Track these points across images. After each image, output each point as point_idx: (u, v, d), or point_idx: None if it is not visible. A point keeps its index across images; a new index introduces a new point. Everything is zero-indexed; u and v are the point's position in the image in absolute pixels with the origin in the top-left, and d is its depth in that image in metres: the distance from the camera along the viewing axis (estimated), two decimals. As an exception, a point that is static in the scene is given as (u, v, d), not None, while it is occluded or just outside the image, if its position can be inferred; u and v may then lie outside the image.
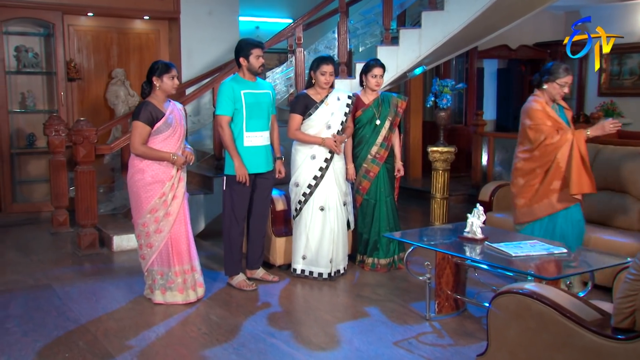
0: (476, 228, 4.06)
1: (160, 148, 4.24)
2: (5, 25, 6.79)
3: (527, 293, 2.46)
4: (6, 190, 6.88)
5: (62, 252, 5.74)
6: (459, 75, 9.95)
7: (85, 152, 5.53)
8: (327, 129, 4.86)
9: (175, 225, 4.32)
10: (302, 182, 4.87)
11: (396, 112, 5.18)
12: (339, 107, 4.90)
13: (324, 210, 4.86)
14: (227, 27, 8.06)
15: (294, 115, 4.87)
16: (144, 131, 4.20)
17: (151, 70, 4.27)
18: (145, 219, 4.27)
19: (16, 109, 7.09)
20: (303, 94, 4.96)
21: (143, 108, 4.21)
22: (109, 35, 7.63)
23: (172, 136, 4.29)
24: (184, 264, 4.36)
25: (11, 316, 4.15)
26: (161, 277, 4.35)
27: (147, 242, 4.31)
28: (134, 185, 4.28)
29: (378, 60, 5.20)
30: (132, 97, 7.67)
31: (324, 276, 4.90)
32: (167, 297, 4.35)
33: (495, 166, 8.04)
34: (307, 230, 4.87)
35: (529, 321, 2.44)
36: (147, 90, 4.31)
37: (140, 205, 4.27)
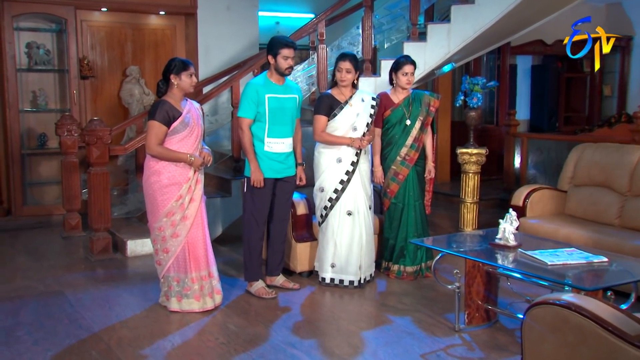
0: (509, 234, 4.03)
1: (177, 149, 4.28)
2: (16, 20, 6.90)
3: (564, 304, 2.42)
4: (16, 192, 6.98)
5: (74, 257, 5.82)
6: (490, 73, 9.89)
7: (98, 153, 5.59)
8: (353, 131, 4.86)
9: (193, 230, 4.34)
10: (328, 187, 4.86)
11: (428, 111, 5.15)
12: (364, 109, 4.90)
13: (352, 215, 4.86)
14: (246, 23, 8.10)
15: (319, 116, 4.87)
16: (160, 131, 4.23)
17: (168, 67, 4.31)
18: (161, 223, 4.30)
19: (27, 108, 7.20)
20: (327, 94, 4.96)
21: (159, 107, 4.25)
22: (123, 31, 7.72)
23: (189, 136, 4.32)
24: (201, 270, 4.38)
25: (21, 323, 4.20)
26: (177, 284, 4.38)
27: (163, 247, 4.35)
28: (150, 188, 4.32)
29: (408, 57, 5.17)
30: (147, 96, 7.74)
31: (355, 284, 4.89)
32: (184, 304, 4.38)
33: (529, 169, 7.97)
34: (335, 236, 4.87)
35: (567, 335, 2.40)
36: (164, 88, 4.35)
37: (156, 209, 4.31)
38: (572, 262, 3.65)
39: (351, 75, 4.84)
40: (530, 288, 4.27)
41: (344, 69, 4.82)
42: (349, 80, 4.85)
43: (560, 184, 5.73)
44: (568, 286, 3.42)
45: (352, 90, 4.92)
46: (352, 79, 4.86)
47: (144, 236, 5.95)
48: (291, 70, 4.68)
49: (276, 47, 4.60)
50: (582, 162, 5.59)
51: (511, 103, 10.06)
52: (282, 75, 4.65)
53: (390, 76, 5.18)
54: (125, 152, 6.22)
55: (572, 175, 5.66)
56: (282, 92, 4.67)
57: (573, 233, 4.92)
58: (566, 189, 5.66)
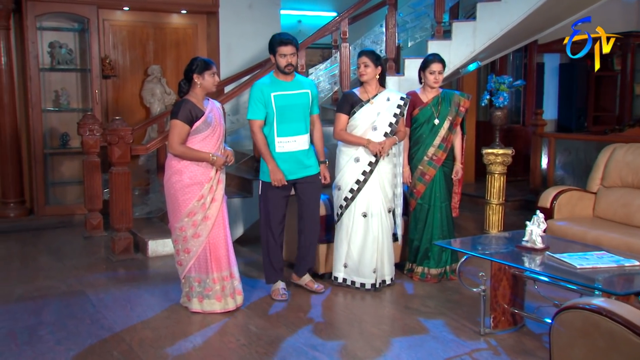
0: (536, 237, 3.99)
1: (199, 148, 4.30)
2: (39, 20, 7.00)
3: (595, 309, 2.39)
4: (39, 192, 7.08)
5: (95, 257, 5.88)
6: (516, 71, 9.80)
7: (120, 152, 5.65)
8: (373, 131, 4.83)
9: (214, 230, 4.37)
10: (344, 186, 4.86)
11: (457, 111, 5.12)
12: (387, 108, 4.86)
13: (367, 217, 4.85)
14: (268, 21, 8.13)
15: (339, 114, 4.88)
16: (183, 130, 4.26)
17: (190, 67, 4.33)
18: (182, 223, 4.33)
19: (50, 107, 7.30)
20: (350, 92, 4.97)
21: (182, 106, 4.28)
22: (145, 30, 7.79)
23: (212, 136, 4.35)
24: (222, 271, 4.41)
25: (44, 323, 4.27)
26: (199, 285, 4.41)
27: (185, 247, 4.38)
28: (172, 187, 4.35)
29: (437, 55, 5.13)
30: (168, 95, 7.80)
31: (366, 287, 4.88)
32: (205, 305, 4.41)
33: (557, 170, 7.89)
34: (349, 237, 4.87)
35: (597, 340, 2.37)
36: (186, 88, 4.37)
37: (177, 208, 4.34)
38: (602, 266, 3.60)
39: (370, 70, 4.81)
40: (558, 292, 4.22)
41: (361, 64, 4.83)
42: (369, 75, 4.82)
43: (590, 185, 5.66)
44: (598, 290, 3.38)
45: (378, 88, 4.90)
46: (372, 74, 4.82)
47: (165, 236, 5.99)
48: (292, 68, 4.58)
49: (274, 45, 4.59)
50: (612, 163, 5.52)
51: (538, 102, 9.96)
52: (283, 73, 4.62)
53: (419, 75, 5.16)
54: (146, 152, 6.28)
55: (601, 176, 5.59)
56: (291, 88, 4.63)
57: (603, 236, 4.86)
58: (595, 191, 5.59)
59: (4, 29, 6.82)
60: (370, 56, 4.83)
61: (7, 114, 6.91)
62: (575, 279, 3.52)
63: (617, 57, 10.05)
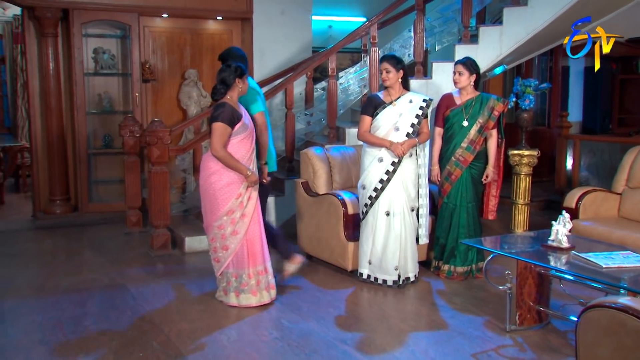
0: (562, 236, 3.94)
1: (237, 150, 4.33)
2: (85, 27, 7.12)
3: (621, 308, 2.35)
4: (83, 190, 7.20)
5: (135, 252, 5.97)
6: (542, 75, 9.67)
7: (158, 152, 5.72)
8: (395, 131, 4.83)
9: (251, 226, 4.41)
10: (368, 185, 4.87)
11: (490, 115, 5.04)
12: (409, 109, 4.86)
13: (389, 216, 4.84)
14: (300, 27, 8.15)
15: (363, 116, 4.91)
16: (226, 132, 4.28)
17: (234, 71, 4.35)
18: (221, 221, 4.37)
19: (93, 110, 7.42)
20: (374, 95, 5.00)
21: (224, 109, 4.29)
22: (183, 36, 7.87)
23: (248, 138, 4.39)
24: (257, 265, 4.44)
25: (88, 314, 4.35)
26: (235, 280, 4.44)
27: (223, 245, 4.41)
28: (210, 187, 4.38)
29: (463, 58, 5.14)
30: (204, 98, 7.87)
31: (388, 283, 4.87)
32: (242, 299, 4.45)
33: (582, 171, 7.77)
34: (373, 234, 4.87)
35: (623, 338, 2.34)
36: (223, 91, 4.39)
37: (216, 207, 4.37)
38: (628, 265, 3.54)
39: (392, 75, 4.83)
40: (583, 290, 4.16)
41: (383, 70, 4.86)
42: (391, 80, 4.85)
43: (615, 186, 5.56)
44: (624, 289, 3.32)
45: (401, 91, 4.91)
46: (394, 78, 4.85)
47: (200, 233, 6.05)
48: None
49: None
50: (637, 164, 5.42)
51: (563, 105, 9.81)
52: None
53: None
54: (184, 152, 6.34)
55: (627, 177, 5.49)
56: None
57: (628, 236, 4.77)
58: (620, 192, 5.49)
59: (53, 36, 6.96)
60: (391, 61, 4.85)
61: (54, 116, 7.04)
62: (601, 277, 3.47)
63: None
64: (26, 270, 5.41)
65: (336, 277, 5.19)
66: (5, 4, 9.23)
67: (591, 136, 8.57)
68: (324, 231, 5.33)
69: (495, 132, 5.12)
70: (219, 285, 4.57)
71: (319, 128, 6.88)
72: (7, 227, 6.99)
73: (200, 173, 4.49)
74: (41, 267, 5.60)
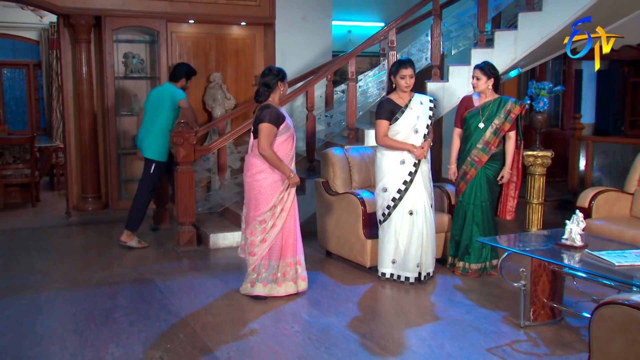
0: (575, 235, 3.91)
1: (280, 149, 4.42)
2: (116, 33, 7.19)
3: (634, 304, 2.33)
4: (113, 188, 7.27)
5: (162, 248, 6.02)
6: (555, 78, 9.57)
7: (185, 152, 5.76)
8: (415, 134, 4.82)
9: (288, 220, 4.51)
10: (392, 187, 4.84)
11: (507, 117, 4.97)
12: (423, 111, 4.87)
13: (413, 214, 4.83)
14: (320, 32, 8.15)
15: (381, 121, 4.85)
16: (272, 132, 4.37)
17: (277, 75, 4.46)
18: (265, 216, 4.44)
19: (123, 112, 7.48)
20: (386, 99, 4.93)
21: (270, 110, 4.38)
22: (208, 40, 7.91)
23: (290, 139, 4.50)
24: (287, 257, 4.53)
25: (118, 306, 4.40)
26: (266, 271, 4.51)
27: (262, 238, 4.47)
28: (257, 184, 4.44)
29: (481, 62, 5.11)
30: (228, 100, 7.91)
31: (410, 280, 4.86)
32: (269, 289, 4.50)
33: (594, 171, 7.68)
34: (397, 234, 4.85)
35: (636, 334, 2.31)
36: (267, 94, 4.47)
37: (262, 203, 4.43)
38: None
39: (413, 80, 4.83)
40: (596, 288, 4.12)
41: (407, 75, 4.79)
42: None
43: (627, 186, 5.48)
44: (636, 287, 3.28)
45: (410, 94, 4.89)
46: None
47: (225, 230, 6.09)
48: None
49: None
50: (649, 165, 5.34)
51: (576, 107, 9.70)
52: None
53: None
54: (209, 153, 6.38)
55: (639, 177, 5.41)
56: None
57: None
58: (633, 192, 5.42)
59: (86, 42, 7.04)
60: (414, 68, 4.85)
61: (87, 117, 7.13)
62: (614, 275, 3.43)
63: (655, 64, 9.69)
64: (60, 265, 5.48)
65: (355, 273, 5.19)
66: (43, 12, 9.37)
67: (604, 137, 8.46)
68: (343, 229, 5.33)
69: (513, 134, 5.04)
70: (248, 278, 4.58)
71: (338, 129, 6.88)
72: (43, 223, 7.09)
73: (246, 171, 4.55)
74: (74, 261, 5.68)
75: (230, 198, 6.56)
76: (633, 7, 6.44)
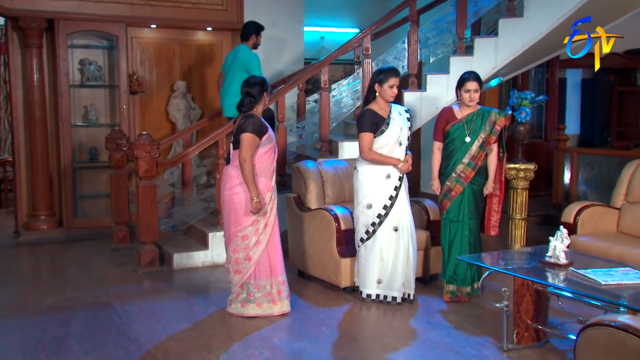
0: (559, 252, 3.95)
1: (261, 161, 4.48)
2: (70, 38, 7.12)
3: (620, 326, 2.36)
4: (68, 205, 7.17)
5: (122, 269, 5.93)
6: (538, 87, 9.73)
7: (146, 166, 5.71)
8: (399, 146, 4.87)
9: (272, 237, 4.56)
10: (377, 204, 4.83)
11: (492, 130, 4.95)
12: (404, 122, 4.93)
13: (398, 231, 4.84)
14: (292, 38, 8.19)
15: (365, 134, 4.82)
16: (255, 143, 4.43)
17: (262, 85, 4.56)
18: (246, 232, 4.47)
19: (79, 122, 7.40)
20: (369, 110, 4.89)
21: (254, 120, 4.45)
22: (172, 47, 7.88)
23: (271, 151, 4.55)
24: (278, 276, 4.58)
25: (72, 334, 4.30)
26: (258, 290, 4.54)
27: (246, 255, 4.50)
28: (237, 197, 4.47)
29: (473, 73, 5.01)
30: (193, 111, 7.88)
31: (397, 300, 4.86)
32: (265, 309, 4.56)
33: (580, 185, 7.80)
34: (383, 252, 4.85)
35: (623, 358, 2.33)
36: (252, 105, 4.54)
37: (242, 217, 4.47)
38: (628, 282, 3.55)
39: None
40: (582, 308, 4.15)
41: (395, 85, 4.81)
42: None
43: (613, 200, 5.58)
44: (623, 307, 3.32)
45: (388, 104, 4.92)
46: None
47: (189, 249, 6.04)
48: None
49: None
50: (636, 178, 5.44)
51: (560, 117, 9.87)
52: None
53: (456, 92, 5.05)
54: (173, 166, 6.34)
55: (625, 191, 5.51)
56: None
57: (627, 252, 4.78)
58: (619, 206, 5.51)
59: (37, 47, 6.96)
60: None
61: (39, 128, 7.03)
62: (600, 295, 3.47)
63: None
64: (7, 289, 5.36)
65: (329, 294, 5.17)
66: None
67: (589, 149, 8.61)
68: (315, 247, 5.32)
69: (495, 146, 5.03)
70: (236, 298, 4.61)
71: (311, 141, 6.89)
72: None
73: (224, 184, 4.57)
74: (23, 285, 5.55)
75: (196, 215, 6.51)
76: (617, 14, 6.59)
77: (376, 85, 4.85)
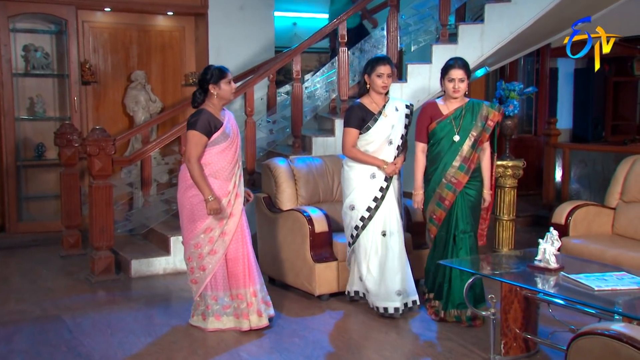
0: (550, 256, 3.99)
1: (217, 161, 4.39)
2: (12, 21, 7.01)
3: (615, 335, 2.39)
4: (11, 207, 7.06)
5: (73, 278, 5.87)
6: (527, 77, 9.84)
7: (101, 164, 5.65)
8: (389, 145, 4.80)
9: (232, 246, 4.46)
10: (360, 205, 4.79)
11: (484, 126, 4.62)
12: (399, 119, 4.83)
13: (386, 236, 4.81)
14: (261, 24, 8.17)
15: (349, 129, 4.78)
16: (201, 142, 4.33)
17: (205, 76, 4.42)
18: (198, 239, 4.41)
19: (24, 115, 7.30)
20: (357, 104, 4.86)
21: (200, 116, 4.35)
22: (128, 33, 7.82)
23: (230, 148, 4.44)
24: (239, 288, 4.48)
25: (15, 351, 4.24)
26: (215, 303, 4.49)
27: (200, 265, 4.44)
28: (188, 202, 4.42)
29: (459, 59, 4.67)
30: (153, 103, 7.82)
31: (389, 311, 4.77)
32: (225, 322, 4.52)
33: (572, 183, 7.90)
34: (368, 258, 4.83)
35: (617, 368, 2.37)
36: (201, 98, 4.46)
37: (193, 224, 4.41)
38: (622, 288, 3.59)
39: (391, 80, 4.80)
40: (575, 315, 4.20)
41: (385, 74, 4.73)
42: (389, 86, 4.80)
43: (608, 200, 5.66)
44: (618, 314, 3.36)
45: (385, 98, 4.85)
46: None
47: (149, 255, 6.00)
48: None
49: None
50: (632, 176, 5.52)
51: (551, 110, 9.98)
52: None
53: (440, 82, 4.73)
54: (130, 164, 6.28)
55: (621, 190, 5.59)
56: None
57: (623, 255, 4.85)
58: (614, 206, 5.59)
59: (-26, 31, 6.85)
60: (392, 64, 4.81)
61: (-23, 123, 6.92)
62: (593, 301, 3.51)
63: (638, 61, 10.05)
64: (-56, 301, 5.27)
65: (302, 302, 5.17)
66: None
67: (582, 145, 8.73)
68: (287, 251, 5.31)
69: (488, 145, 4.74)
70: (197, 309, 4.58)
71: (282, 137, 6.88)
72: None
73: (178, 185, 4.54)
74: (-38, 296, 5.47)
75: (156, 217, 6.46)
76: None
77: (366, 76, 4.83)
